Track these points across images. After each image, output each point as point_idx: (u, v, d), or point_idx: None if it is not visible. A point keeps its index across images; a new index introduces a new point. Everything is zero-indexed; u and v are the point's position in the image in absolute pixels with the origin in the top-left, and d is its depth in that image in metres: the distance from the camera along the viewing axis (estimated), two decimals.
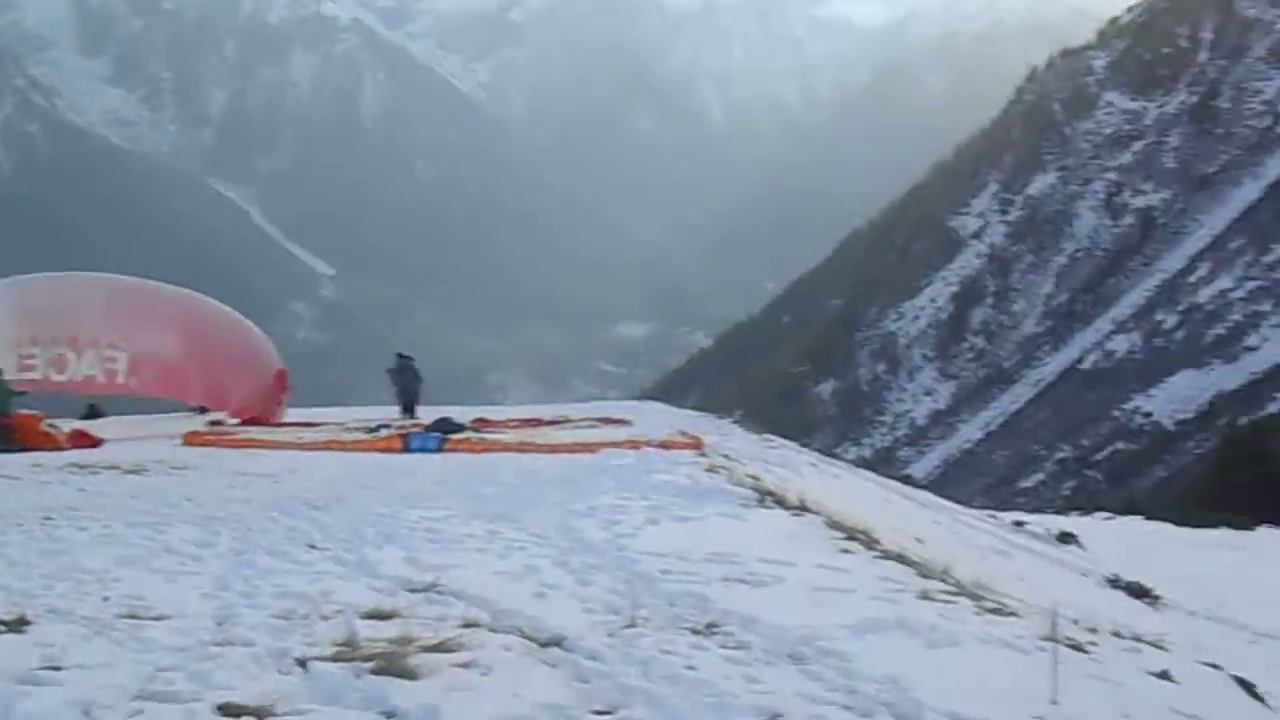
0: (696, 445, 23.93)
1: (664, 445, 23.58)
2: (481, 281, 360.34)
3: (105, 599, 9.65)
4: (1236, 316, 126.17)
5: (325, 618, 9.05)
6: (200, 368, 22.92)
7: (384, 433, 28.05)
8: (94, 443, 26.14)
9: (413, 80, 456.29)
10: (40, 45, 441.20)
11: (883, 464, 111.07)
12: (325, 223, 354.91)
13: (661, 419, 32.87)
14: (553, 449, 23.96)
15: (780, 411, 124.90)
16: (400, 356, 36.24)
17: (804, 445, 39.40)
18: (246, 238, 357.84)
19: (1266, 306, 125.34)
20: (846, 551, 13.52)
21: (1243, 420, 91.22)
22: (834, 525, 15.21)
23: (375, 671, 7.46)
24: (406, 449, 24.92)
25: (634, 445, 23.40)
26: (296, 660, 7.73)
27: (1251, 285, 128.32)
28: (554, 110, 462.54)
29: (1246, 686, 12.72)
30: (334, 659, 7.73)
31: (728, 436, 29.34)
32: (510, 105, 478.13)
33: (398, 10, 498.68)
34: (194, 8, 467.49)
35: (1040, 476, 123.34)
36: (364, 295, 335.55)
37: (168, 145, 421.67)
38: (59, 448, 25.09)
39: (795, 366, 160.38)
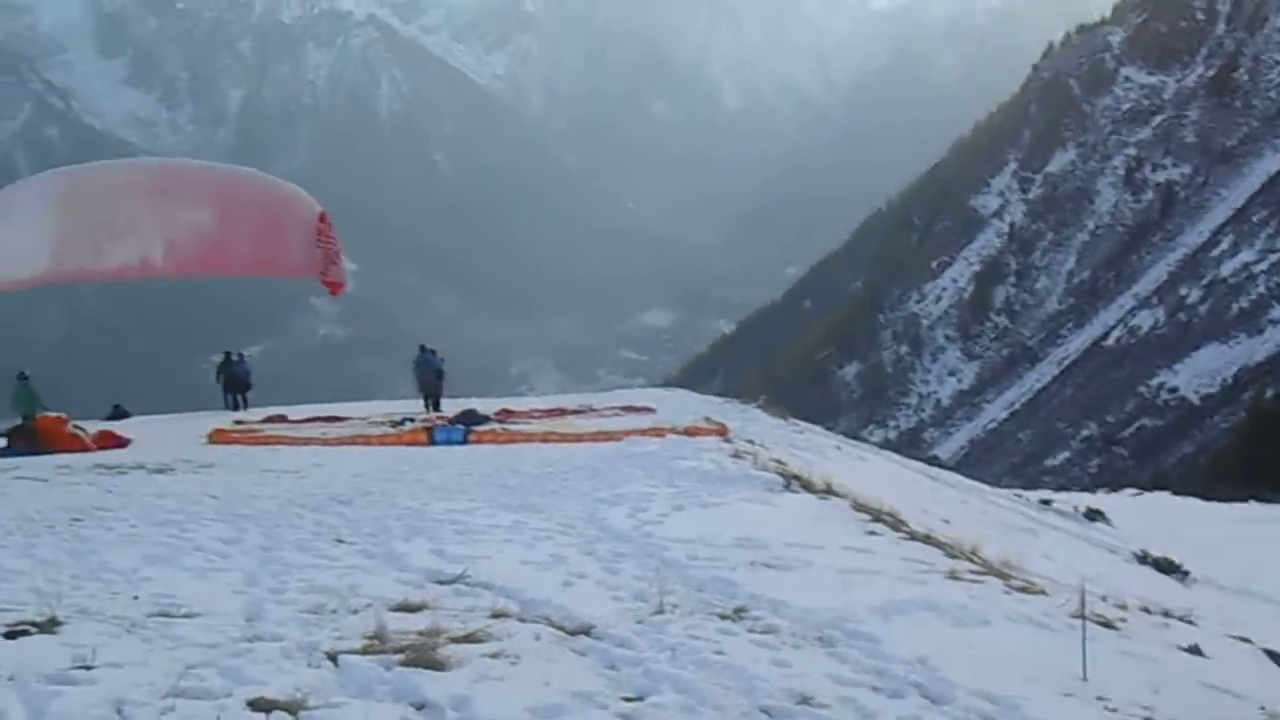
0: (721, 431, 23.96)
1: (689, 432, 23.61)
2: (504, 273, 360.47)
3: (135, 598, 9.67)
4: (1260, 289, 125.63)
5: (354, 611, 9.07)
6: (241, 236, 22.58)
7: (409, 426, 28.09)
8: (120, 443, 26.19)
9: (428, 73, 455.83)
10: (56, 49, 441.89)
11: (908, 445, 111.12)
12: (345, 218, 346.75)
13: (686, 406, 32.90)
14: (577, 438, 23.98)
15: (805, 395, 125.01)
16: (423, 349, 36.31)
17: (829, 428, 39.46)
18: None
19: None
20: (873, 534, 13.52)
21: (1269, 393, 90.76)
22: (860, 508, 15.20)
23: (405, 663, 7.48)
24: (431, 442, 24.94)
25: (659, 433, 23.43)
26: (326, 654, 7.74)
27: (1274, 257, 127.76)
28: (570, 98, 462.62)
29: (1276, 659, 12.70)
30: (363, 652, 7.75)
31: (752, 422, 29.35)
32: (526, 95, 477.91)
33: (411, 4, 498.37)
34: (208, 7, 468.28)
35: (1066, 455, 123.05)
36: (386, 289, 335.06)
37: (186, 145, 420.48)
38: (85, 449, 25.15)
39: (819, 350, 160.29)
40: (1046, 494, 41.74)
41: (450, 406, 32.97)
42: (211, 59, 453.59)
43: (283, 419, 32.04)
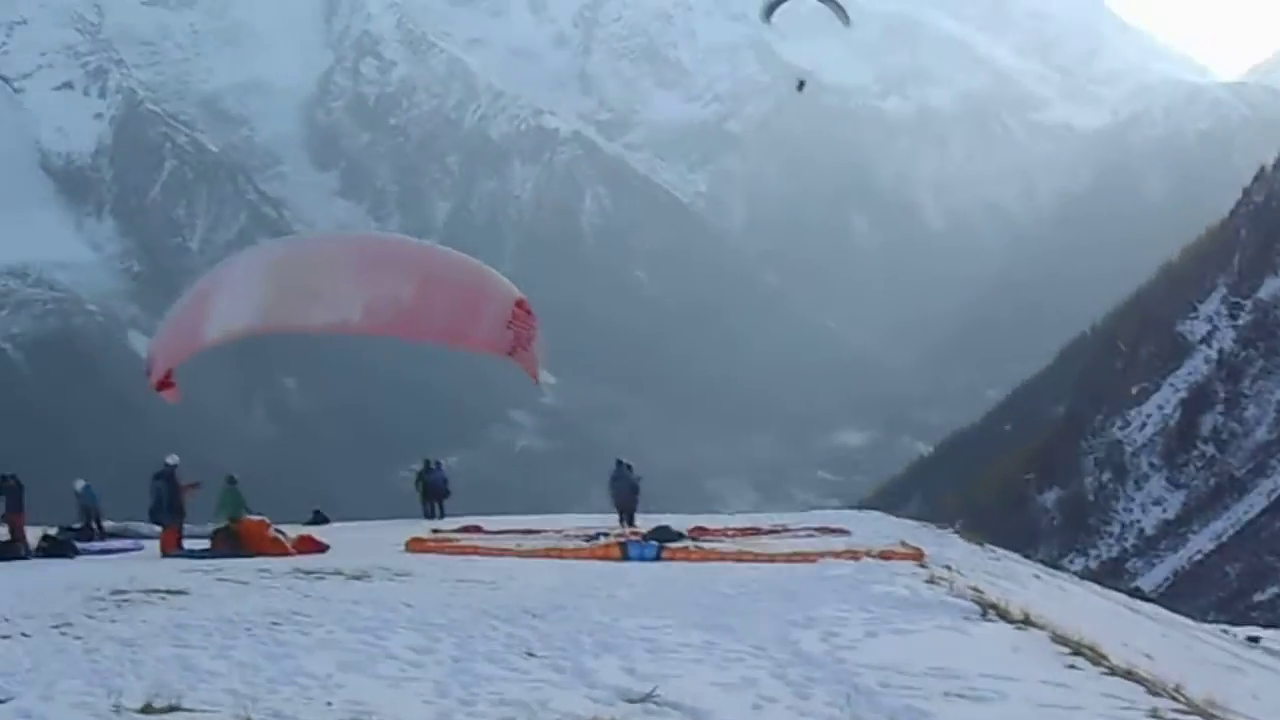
0: (917, 556, 23.64)
1: (884, 555, 23.34)
2: (700, 389, 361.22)
3: (329, 704, 9.81)
4: None
5: None
6: (436, 306, 23.47)
7: (602, 540, 28.18)
8: (319, 548, 26.75)
9: (632, 190, 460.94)
10: (272, 160, 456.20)
11: (1110, 575, 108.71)
12: (547, 331, 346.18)
13: (881, 528, 32.65)
14: (771, 558, 23.84)
15: (1003, 521, 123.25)
16: (619, 464, 36.53)
17: (1027, 556, 38.84)
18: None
19: None
20: (1072, 667, 13.20)
21: None
22: (1059, 639, 14.86)
23: None
24: (625, 557, 24.98)
25: (853, 555, 23.19)
26: None
27: None
28: (771, 218, 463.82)
29: None
30: None
31: (948, 547, 28.97)
32: (728, 214, 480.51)
33: (617, 122, 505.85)
34: (418, 123, 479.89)
35: (1277, 590, 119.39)
36: (585, 402, 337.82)
37: None
38: (285, 553, 25.71)
39: (1018, 475, 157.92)
40: (1254, 631, 40.57)
41: (645, 522, 33.06)
42: (420, 172, 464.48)
43: (478, 529, 32.45)
